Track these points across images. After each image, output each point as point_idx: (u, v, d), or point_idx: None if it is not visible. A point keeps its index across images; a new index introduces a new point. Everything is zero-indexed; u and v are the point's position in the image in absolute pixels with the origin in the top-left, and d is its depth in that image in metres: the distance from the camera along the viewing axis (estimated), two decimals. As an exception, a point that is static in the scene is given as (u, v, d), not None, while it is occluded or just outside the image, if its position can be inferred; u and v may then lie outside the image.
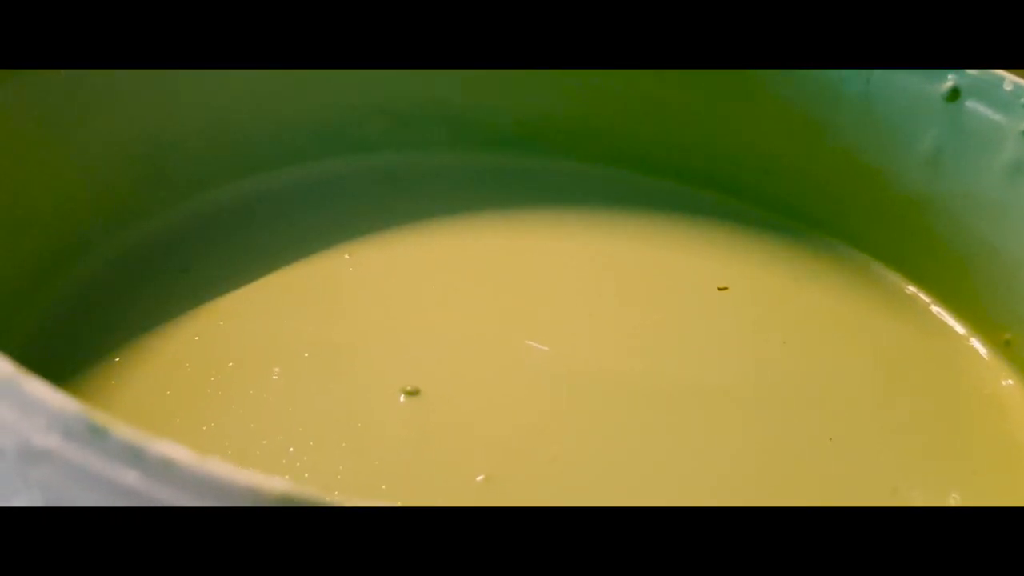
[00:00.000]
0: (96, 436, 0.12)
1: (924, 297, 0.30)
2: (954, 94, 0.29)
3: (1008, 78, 0.28)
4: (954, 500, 0.24)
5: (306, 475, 0.22)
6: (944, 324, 0.29)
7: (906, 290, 0.31)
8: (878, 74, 0.30)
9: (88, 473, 0.12)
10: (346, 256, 0.29)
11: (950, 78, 0.29)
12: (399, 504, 0.12)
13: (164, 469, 0.11)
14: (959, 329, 0.29)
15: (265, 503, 0.11)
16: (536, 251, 0.31)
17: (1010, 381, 0.27)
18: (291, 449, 0.22)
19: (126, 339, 0.25)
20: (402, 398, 0.24)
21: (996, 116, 0.28)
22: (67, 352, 0.24)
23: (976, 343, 0.29)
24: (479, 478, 0.22)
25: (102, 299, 0.26)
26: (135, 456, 0.11)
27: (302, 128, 0.32)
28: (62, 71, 0.26)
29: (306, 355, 0.25)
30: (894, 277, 0.31)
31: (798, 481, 0.24)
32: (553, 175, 0.34)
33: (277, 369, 0.25)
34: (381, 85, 0.33)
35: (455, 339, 0.27)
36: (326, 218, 0.30)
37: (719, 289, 0.30)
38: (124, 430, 0.12)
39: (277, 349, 0.25)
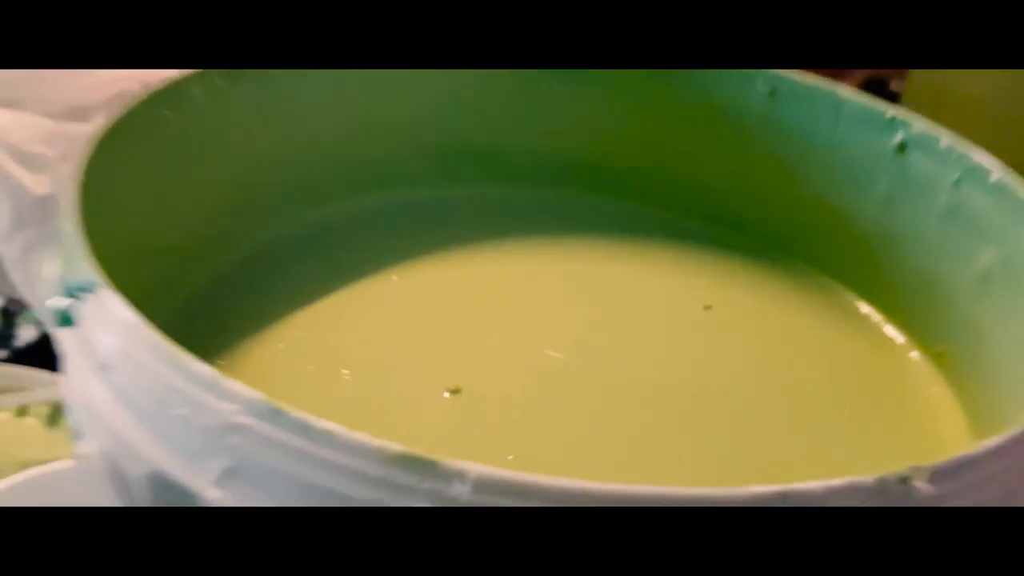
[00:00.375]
0: (275, 415, 0.18)
1: (875, 315, 0.34)
2: (902, 147, 0.32)
3: (944, 136, 0.31)
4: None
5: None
6: (889, 338, 0.33)
7: (861, 309, 0.34)
8: (842, 127, 0.34)
9: (270, 441, 0.18)
10: (394, 278, 0.33)
11: (900, 133, 0.32)
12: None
13: (325, 437, 0.17)
14: (901, 341, 0.33)
15: (390, 456, 0.17)
16: (551, 274, 0.34)
17: (940, 386, 0.31)
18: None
19: (227, 346, 0.29)
20: (446, 395, 0.28)
21: (934, 168, 0.31)
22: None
23: (915, 354, 0.32)
24: (509, 458, 0.26)
25: (206, 311, 0.30)
26: (304, 428, 0.17)
27: (363, 167, 0.35)
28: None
29: (368, 360, 0.29)
30: (851, 297, 0.34)
31: (759, 462, 0.27)
32: (566, 206, 0.37)
33: (346, 371, 0.28)
34: (420, 129, 0.36)
35: (488, 347, 0.30)
36: (378, 245, 0.34)
37: (705, 308, 0.33)
38: (295, 411, 0.17)
39: (344, 355, 0.29)
